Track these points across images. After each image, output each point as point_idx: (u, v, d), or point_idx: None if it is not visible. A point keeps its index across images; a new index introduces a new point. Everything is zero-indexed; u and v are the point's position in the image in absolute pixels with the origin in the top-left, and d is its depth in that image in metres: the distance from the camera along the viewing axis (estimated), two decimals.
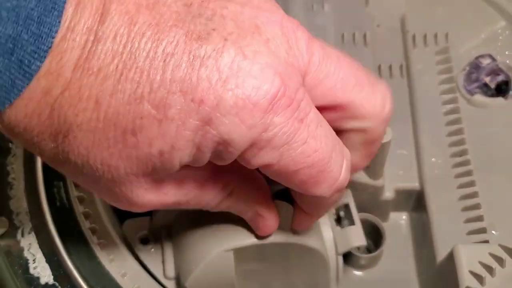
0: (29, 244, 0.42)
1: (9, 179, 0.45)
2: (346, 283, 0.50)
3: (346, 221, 0.44)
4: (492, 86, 0.50)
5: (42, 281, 0.41)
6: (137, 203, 0.30)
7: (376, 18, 0.57)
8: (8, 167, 0.45)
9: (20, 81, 0.25)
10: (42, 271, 0.41)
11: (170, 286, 0.41)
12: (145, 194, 0.30)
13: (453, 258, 0.40)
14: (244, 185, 0.34)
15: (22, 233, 0.42)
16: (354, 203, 0.45)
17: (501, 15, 0.55)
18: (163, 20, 0.26)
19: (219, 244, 0.37)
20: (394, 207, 0.51)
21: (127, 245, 0.44)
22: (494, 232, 0.43)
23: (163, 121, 0.26)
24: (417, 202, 0.49)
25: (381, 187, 0.48)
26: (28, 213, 0.43)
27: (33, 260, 0.41)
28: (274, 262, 0.41)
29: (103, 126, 0.26)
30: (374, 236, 0.50)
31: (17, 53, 0.25)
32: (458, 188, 0.46)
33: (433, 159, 0.48)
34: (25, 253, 0.42)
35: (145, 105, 0.26)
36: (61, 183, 0.44)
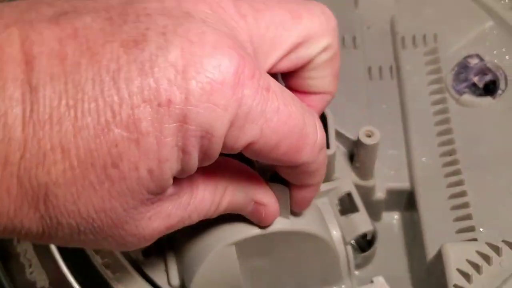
0: (25, 250, 0.43)
1: None
2: None
3: (350, 210, 0.44)
4: (480, 86, 0.50)
5: (38, 286, 0.41)
6: (146, 236, 0.29)
7: (366, 20, 0.57)
8: None
9: None
10: (38, 276, 0.42)
11: None
12: (150, 224, 0.28)
13: (442, 257, 0.41)
14: (235, 178, 0.33)
15: (18, 239, 0.43)
16: (356, 191, 0.45)
17: (489, 15, 0.55)
18: (92, 42, 0.25)
19: (220, 240, 0.36)
20: (386, 207, 0.51)
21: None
22: (482, 230, 0.44)
23: (140, 139, 0.25)
24: (409, 202, 0.50)
25: (372, 187, 0.48)
26: None
27: (29, 265, 0.42)
28: (280, 257, 0.39)
29: (81, 172, 0.24)
30: (367, 236, 0.51)
31: None
32: (447, 187, 0.47)
33: (423, 159, 0.49)
34: (21, 259, 0.42)
35: (115, 131, 0.24)
36: None
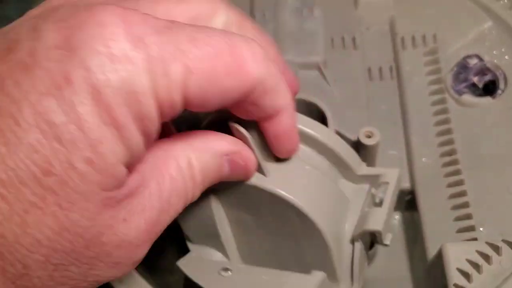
0: None
1: None
2: None
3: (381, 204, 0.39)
4: (480, 86, 0.51)
5: None
6: (132, 242, 0.26)
7: (365, 21, 0.58)
8: None
9: None
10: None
11: None
12: (128, 225, 0.26)
13: (442, 256, 0.41)
14: (193, 144, 0.30)
15: None
16: (396, 185, 0.40)
17: (488, 15, 0.55)
18: None
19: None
20: None
21: None
22: (482, 230, 0.44)
23: (57, 132, 0.22)
24: (409, 202, 0.50)
25: None
26: None
27: None
28: (268, 221, 0.36)
29: (14, 195, 0.22)
30: (369, 236, 0.51)
31: None
32: (448, 187, 0.47)
33: (424, 159, 0.49)
34: None
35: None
36: None
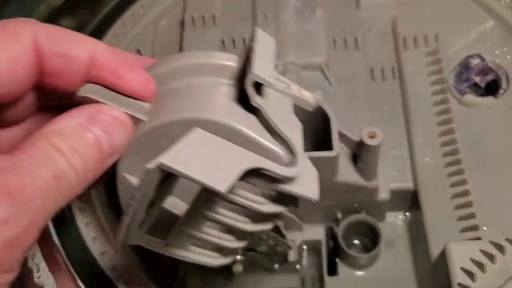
0: (33, 254, 0.43)
1: None
2: (346, 283, 0.51)
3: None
4: (482, 86, 0.51)
5: None
6: None
7: (367, 22, 0.58)
8: None
9: None
10: (46, 280, 0.42)
11: None
12: None
13: (446, 256, 0.41)
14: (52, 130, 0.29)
15: None
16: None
17: (490, 15, 0.55)
18: None
19: None
20: (390, 207, 0.51)
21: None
22: (486, 229, 0.44)
23: None
24: (412, 202, 0.50)
25: (376, 188, 0.48)
26: None
27: (37, 270, 0.42)
28: None
29: None
30: (371, 236, 0.51)
31: None
32: (451, 187, 0.47)
33: (426, 159, 0.49)
34: (29, 263, 0.43)
35: None
36: None
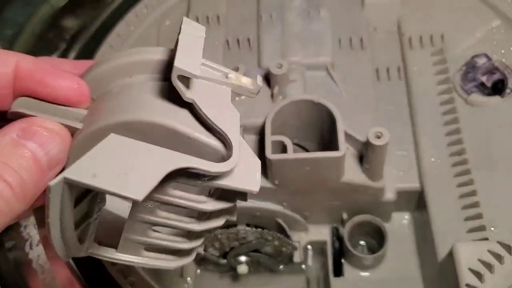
0: (38, 256, 0.43)
1: None
2: (351, 284, 0.51)
3: None
4: (489, 85, 0.50)
5: None
6: None
7: (372, 22, 0.57)
8: None
9: None
10: (51, 282, 0.42)
11: None
12: None
13: (453, 257, 0.41)
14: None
15: (31, 245, 0.43)
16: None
17: (496, 14, 0.55)
18: None
19: None
20: (396, 208, 0.51)
21: None
22: (493, 229, 0.43)
23: None
24: (419, 202, 0.50)
25: (382, 188, 0.48)
26: (36, 226, 0.44)
27: (42, 272, 0.42)
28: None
29: None
30: (378, 237, 0.51)
31: None
32: (458, 187, 0.47)
33: (433, 159, 0.49)
34: (34, 265, 0.42)
35: None
36: None
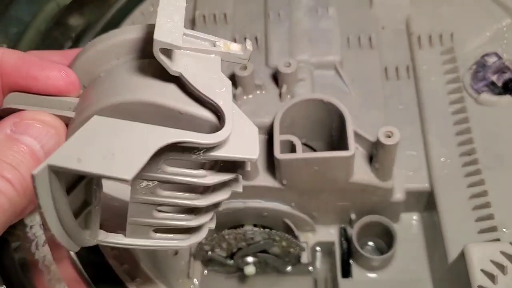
0: (44, 256, 0.42)
1: None
2: (360, 285, 0.50)
3: None
4: (499, 84, 0.50)
5: None
6: None
7: (381, 20, 0.57)
8: None
9: None
10: (57, 282, 0.42)
11: None
12: None
13: (465, 258, 0.40)
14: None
15: (37, 246, 0.43)
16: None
17: (506, 13, 0.54)
18: None
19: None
20: (405, 208, 0.51)
21: (144, 258, 0.45)
22: (505, 230, 0.43)
23: None
24: (428, 203, 0.49)
25: (391, 189, 0.48)
26: (42, 226, 0.43)
27: (48, 272, 0.42)
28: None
29: None
30: (386, 238, 0.50)
31: None
32: (468, 187, 0.46)
33: (442, 159, 0.48)
34: (40, 265, 0.42)
35: None
36: None
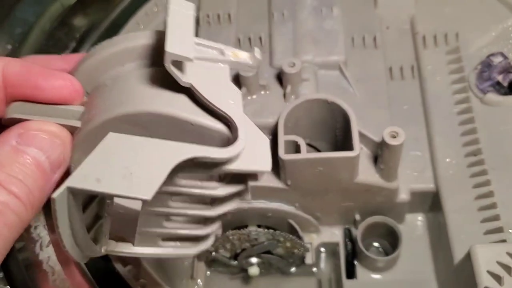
0: (48, 257, 0.42)
1: None
2: (365, 286, 0.50)
3: None
4: (505, 84, 0.49)
5: None
6: None
7: (385, 20, 0.57)
8: None
9: None
10: (62, 283, 0.42)
11: None
12: None
13: (471, 259, 0.40)
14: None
15: (41, 246, 0.43)
16: None
17: None
18: None
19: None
20: (410, 209, 0.50)
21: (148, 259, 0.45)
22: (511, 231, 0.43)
23: None
24: (433, 203, 0.49)
25: (396, 189, 0.47)
26: (46, 226, 0.43)
27: (52, 273, 0.42)
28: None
29: None
30: (391, 238, 0.50)
31: None
32: (474, 188, 0.46)
33: (448, 159, 0.48)
34: (44, 266, 0.42)
35: None
36: None
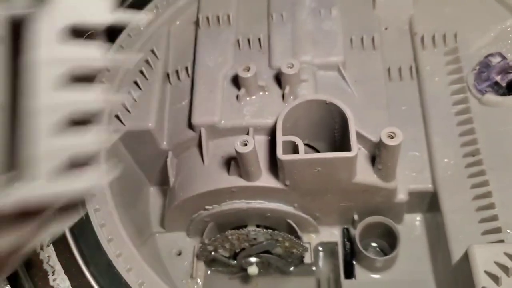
0: (48, 257, 0.43)
1: None
2: (363, 286, 0.50)
3: None
4: (503, 85, 0.50)
5: None
6: None
7: (384, 21, 0.57)
8: None
9: None
10: (61, 283, 0.42)
11: None
12: None
13: (469, 259, 0.40)
14: None
15: (41, 246, 0.43)
16: None
17: (510, 13, 0.54)
18: None
19: None
20: (408, 209, 0.51)
21: (148, 259, 0.45)
22: (510, 231, 0.43)
23: None
24: (431, 203, 0.49)
25: (394, 190, 0.48)
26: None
27: (52, 272, 0.42)
28: None
29: None
30: (389, 238, 0.50)
31: None
32: (472, 188, 0.46)
33: (446, 160, 0.48)
34: (44, 265, 0.42)
35: None
36: None
